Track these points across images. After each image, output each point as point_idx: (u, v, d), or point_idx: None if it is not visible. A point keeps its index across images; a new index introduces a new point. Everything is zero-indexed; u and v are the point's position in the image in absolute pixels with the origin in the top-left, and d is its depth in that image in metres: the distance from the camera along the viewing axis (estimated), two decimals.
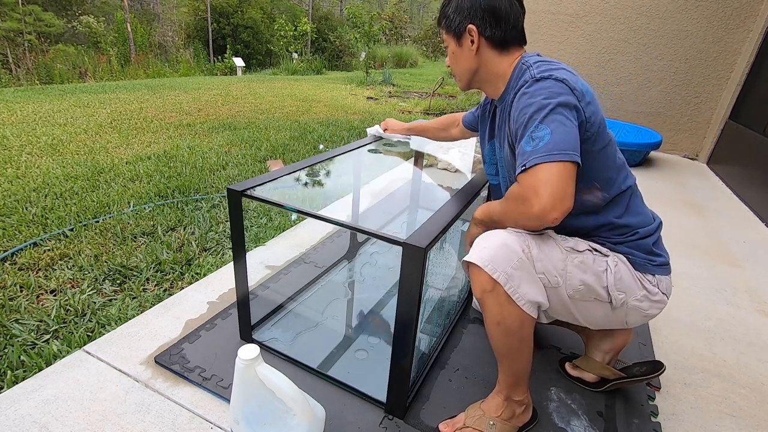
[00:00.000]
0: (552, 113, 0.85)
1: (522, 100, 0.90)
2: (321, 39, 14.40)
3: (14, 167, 2.81)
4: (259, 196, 1.11)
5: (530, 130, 0.86)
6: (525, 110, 0.88)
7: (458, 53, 1.06)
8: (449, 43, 1.07)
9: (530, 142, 0.85)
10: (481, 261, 0.90)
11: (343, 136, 4.18)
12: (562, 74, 0.90)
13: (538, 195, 0.81)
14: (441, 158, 2.13)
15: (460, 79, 1.10)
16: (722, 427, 1.18)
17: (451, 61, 1.10)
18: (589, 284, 0.94)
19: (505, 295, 0.89)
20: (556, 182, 0.81)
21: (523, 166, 0.84)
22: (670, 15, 3.93)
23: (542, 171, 0.81)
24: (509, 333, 0.93)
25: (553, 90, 0.88)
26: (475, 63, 1.05)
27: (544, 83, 0.89)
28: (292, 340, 1.35)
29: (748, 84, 3.70)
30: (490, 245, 0.91)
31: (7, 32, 11.40)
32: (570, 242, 0.96)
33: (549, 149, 0.82)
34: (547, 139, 0.83)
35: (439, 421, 1.09)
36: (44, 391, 1.10)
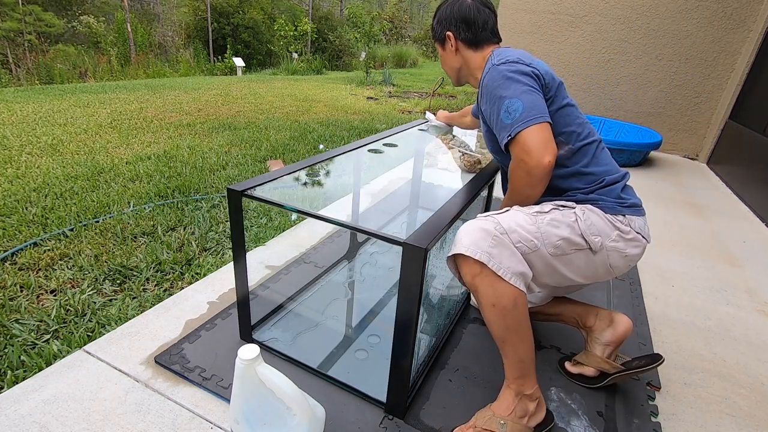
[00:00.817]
0: (517, 84, 1.03)
1: (488, 84, 1.09)
2: (321, 39, 14.39)
3: (14, 167, 2.81)
4: (259, 196, 1.11)
5: (505, 105, 1.03)
6: (493, 91, 1.07)
7: (444, 55, 1.30)
8: (438, 49, 1.31)
9: (508, 115, 1.03)
10: (462, 248, 0.97)
11: (343, 136, 4.18)
12: (515, 56, 1.10)
13: (528, 151, 0.99)
14: (441, 158, 2.12)
15: (450, 76, 1.32)
16: (722, 427, 1.18)
17: (441, 63, 1.33)
18: (565, 236, 1.02)
19: (492, 273, 0.95)
20: (538, 137, 0.99)
21: (509, 136, 1.02)
22: (670, 15, 3.93)
23: (524, 135, 1.00)
24: (505, 313, 0.97)
25: (511, 69, 1.06)
26: (457, 62, 1.27)
27: (501, 66, 1.08)
28: (292, 340, 1.35)
29: (748, 84, 3.70)
30: (464, 234, 0.99)
31: (7, 32, 11.40)
32: (535, 207, 1.06)
33: (524, 117, 1.00)
34: (520, 109, 1.01)
35: (439, 421, 1.09)
36: (44, 391, 1.10)
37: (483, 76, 1.14)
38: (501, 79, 1.06)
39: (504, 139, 1.04)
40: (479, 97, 1.20)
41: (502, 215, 1.03)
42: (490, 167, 1.43)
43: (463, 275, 1.01)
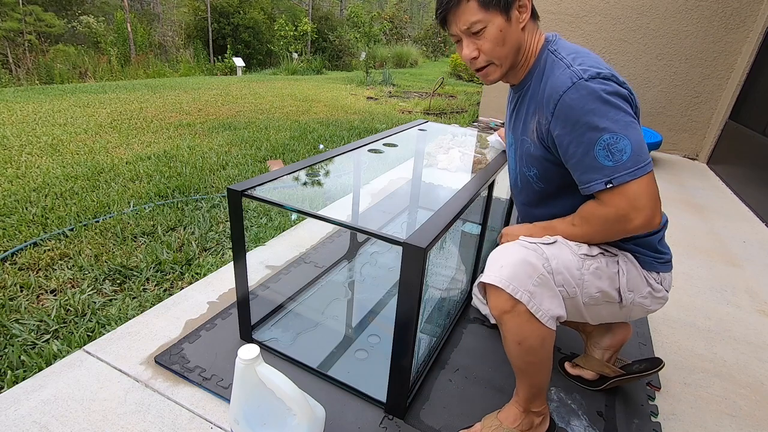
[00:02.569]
0: (618, 112, 0.83)
1: (573, 104, 0.84)
2: (321, 39, 14.39)
3: (14, 167, 2.81)
4: (259, 196, 1.11)
5: (604, 141, 0.82)
6: (583, 117, 0.83)
7: (507, 30, 0.93)
8: (491, 21, 0.91)
9: (608, 156, 0.83)
10: (501, 281, 0.86)
11: (343, 136, 4.18)
12: (597, 64, 0.87)
13: (638, 209, 0.83)
14: (441, 158, 2.13)
15: (502, 63, 0.97)
16: (722, 427, 1.17)
17: (491, 43, 0.93)
18: (603, 289, 0.95)
19: (527, 313, 0.86)
20: (650, 191, 0.83)
21: (608, 183, 0.83)
22: (670, 15, 3.93)
23: (635, 187, 0.83)
24: (531, 351, 0.91)
25: (608, 89, 0.84)
26: (522, 39, 0.96)
27: (595, 83, 0.84)
28: (292, 340, 1.35)
29: (748, 84, 3.70)
30: (508, 263, 0.87)
31: (7, 32, 11.40)
32: (584, 247, 0.95)
33: (634, 163, 0.82)
34: (628, 151, 0.82)
35: (439, 421, 1.09)
36: (44, 391, 1.10)
37: (552, 79, 0.89)
38: (596, 102, 0.83)
39: (597, 184, 0.85)
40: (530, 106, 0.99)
41: (550, 248, 0.92)
42: (490, 167, 1.43)
43: (490, 305, 0.91)
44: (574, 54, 0.91)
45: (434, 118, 5.67)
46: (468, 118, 5.57)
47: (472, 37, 0.95)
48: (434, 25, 22.07)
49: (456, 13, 0.93)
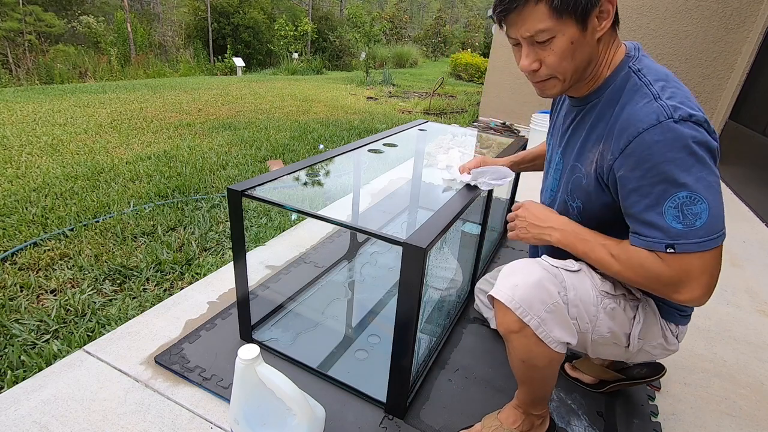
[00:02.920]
0: (702, 169, 0.70)
1: (655, 147, 0.71)
2: (321, 39, 14.40)
3: (14, 167, 2.81)
4: (259, 196, 1.11)
5: (681, 198, 0.70)
6: (663, 165, 0.71)
7: (579, 42, 0.77)
8: (561, 31, 0.76)
9: (680, 217, 0.71)
10: (512, 302, 0.81)
11: (343, 136, 4.18)
12: (696, 109, 0.72)
13: (692, 285, 0.73)
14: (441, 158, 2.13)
15: (566, 78, 0.82)
16: (722, 427, 1.18)
17: (558, 57, 0.79)
18: (614, 332, 0.90)
19: (535, 336, 0.82)
20: (713, 268, 0.72)
21: (670, 248, 0.72)
22: (670, 15, 3.93)
23: (698, 261, 0.72)
24: (536, 369, 0.88)
25: (698, 138, 0.70)
26: (595, 52, 0.81)
27: (685, 128, 0.70)
28: (292, 340, 1.35)
29: (748, 84, 3.70)
30: (522, 284, 0.82)
31: (7, 32, 11.40)
32: (608, 283, 0.88)
33: (707, 232, 0.70)
34: (704, 217, 0.70)
35: (439, 421, 1.09)
36: (44, 391, 1.10)
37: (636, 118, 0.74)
38: (682, 151, 0.70)
39: (656, 243, 0.73)
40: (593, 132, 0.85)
41: (572, 277, 0.85)
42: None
43: (497, 321, 0.86)
44: (663, 82, 0.76)
45: (434, 118, 5.68)
46: (468, 118, 5.57)
47: (534, 46, 0.79)
48: (434, 25, 21.98)
49: (519, 16, 0.77)
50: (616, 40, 0.84)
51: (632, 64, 0.81)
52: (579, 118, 0.91)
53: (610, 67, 0.84)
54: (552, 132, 1.08)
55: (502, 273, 0.87)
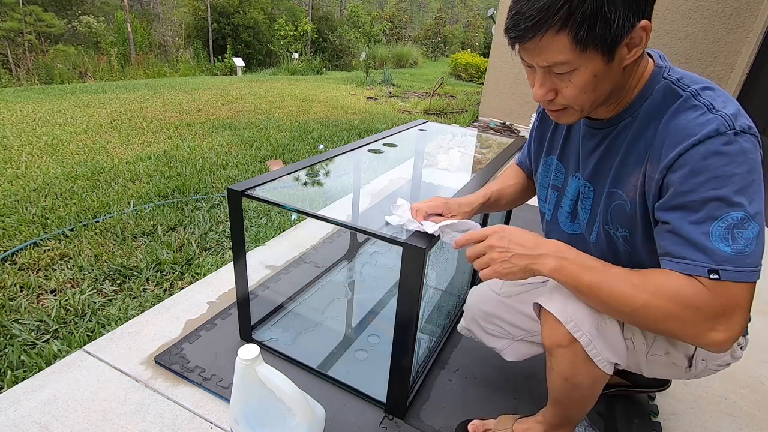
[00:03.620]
0: (758, 190, 0.62)
1: (713, 159, 0.62)
2: (321, 39, 14.40)
3: (14, 167, 2.81)
4: (259, 196, 1.11)
5: (735, 218, 0.61)
6: (718, 182, 0.62)
7: (604, 75, 0.67)
8: (584, 65, 0.66)
9: (729, 240, 0.61)
10: (564, 316, 0.75)
11: (343, 136, 4.18)
12: (750, 121, 0.65)
13: (732, 321, 0.63)
14: (441, 158, 2.13)
15: (583, 109, 0.73)
16: (722, 427, 1.18)
17: (577, 90, 0.69)
18: (673, 353, 0.82)
19: (583, 353, 0.76)
20: (748, 309, 0.64)
21: (714, 274, 0.62)
22: (669, 15, 3.93)
23: (742, 291, 0.62)
24: (577, 388, 0.82)
25: (755, 158, 0.62)
26: (620, 81, 0.71)
27: (746, 143, 0.62)
28: (292, 340, 1.35)
29: (748, 84, 3.70)
30: (579, 303, 0.76)
31: (7, 32, 11.40)
32: None
33: (753, 262, 0.62)
34: (753, 245, 0.62)
35: (439, 421, 1.09)
36: (44, 391, 1.10)
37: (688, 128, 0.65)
38: (744, 166, 0.62)
39: (696, 266, 0.63)
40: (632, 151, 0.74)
41: None
42: (489, 167, 1.43)
43: (544, 334, 0.80)
44: (711, 91, 0.67)
45: (434, 118, 5.68)
46: (468, 118, 5.57)
47: (551, 75, 0.70)
48: (434, 25, 21.96)
49: (535, 45, 0.66)
50: (644, 58, 0.73)
51: (667, 74, 0.72)
52: (609, 140, 0.78)
53: (638, 87, 0.74)
54: (559, 155, 0.93)
55: (552, 284, 0.79)
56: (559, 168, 0.93)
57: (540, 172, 0.99)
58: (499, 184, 1.12)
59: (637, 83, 0.74)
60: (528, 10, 0.63)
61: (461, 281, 1.64)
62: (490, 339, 1.08)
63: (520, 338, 1.05)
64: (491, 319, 1.05)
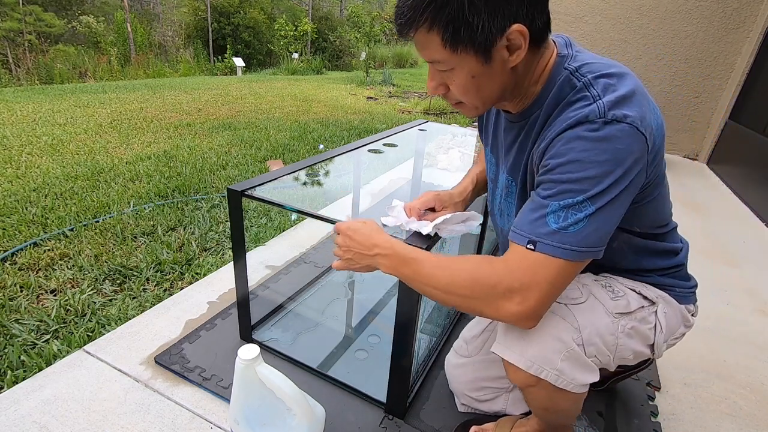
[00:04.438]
0: (606, 192, 0.62)
1: (575, 143, 0.63)
2: (321, 39, 14.40)
3: (14, 167, 2.81)
4: (259, 196, 1.11)
5: (569, 198, 0.63)
6: (573, 166, 0.63)
7: (484, 75, 0.68)
8: (459, 65, 0.67)
9: (559, 214, 0.63)
10: (525, 362, 0.74)
11: (343, 136, 4.18)
12: (635, 109, 0.63)
13: (526, 296, 0.64)
14: (441, 158, 2.13)
15: (477, 106, 0.74)
16: (722, 427, 1.18)
17: (461, 89, 0.70)
18: (637, 350, 0.83)
19: (553, 386, 0.75)
20: (558, 286, 0.65)
21: (529, 240, 0.64)
22: (670, 15, 3.93)
23: (548, 266, 0.63)
24: (559, 412, 0.84)
25: (623, 148, 0.62)
26: (509, 81, 0.71)
27: (615, 131, 0.61)
28: (292, 340, 1.35)
29: (748, 84, 3.70)
30: (534, 341, 0.73)
31: (7, 32, 11.40)
32: (621, 302, 0.80)
33: (575, 241, 0.62)
34: (581, 225, 0.62)
35: (439, 421, 1.09)
36: (44, 391, 1.10)
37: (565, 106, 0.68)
38: (604, 155, 0.62)
39: (519, 236, 0.66)
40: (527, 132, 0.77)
41: (583, 314, 0.76)
42: None
43: (511, 378, 0.79)
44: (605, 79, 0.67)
45: (434, 118, 5.68)
46: (468, 118, 5.57)
47: (438, 71, 0.71)
48: None
49: (416, 40, 0.68)
50: (543, 51, 0.72)
51: (568, 64, 0.71)
52: (522, 134, 0.79)
53: (541, 79, 0.73)
54: (491, 147, 0.94)
55: (503, 326, 0.78)
56: (491, 160, 0.94)
57: (486, 163, 1.00)
58: (481, 165, 1.11)
59: (540, 77, 0.73)
60: (402, 6, 0.65)
61: None
62: (489, 405, 1.09)
63: (512, 387, 1.06)
64: (478, 384, 1.07)
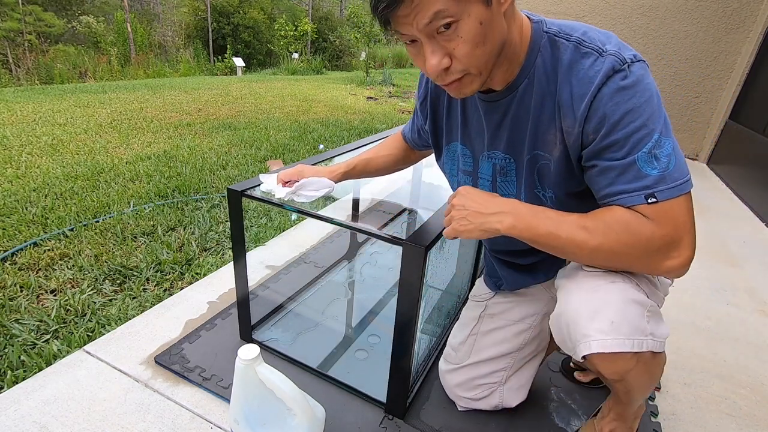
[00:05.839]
0: (665, 121, 0.65)
1: (618, 96, 0.64)
2: (321, 39, 14.41)
3: (14, 167, 2.81)
4: (259, 196, 1.11)
5: (652, 142, 0.63)
6: (630, 116, 0.63)
7: (489, 22, 0.64)
8: (466, 11, 0.62)
9: (654, 162, 0.63)
10: (624, 343, 0.67)
11: (343, 136, 4.18)
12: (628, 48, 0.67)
13: (684, 242, 0.63)
14: None
15: (482, 71, 0.69)
16: (722, 427, 1.17)
17: (469, 44, 0.65)
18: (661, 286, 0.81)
19: (650, 355, 0.71)
20: (692, 225, 0.65)
21: (651, 198, 0.63)
22: (670, 15, 3.93)
23: (682, 206, 0.63)
24: (652, 384, 0.80)
25: (650, 81, 0.66)
26: (505, 31, 0.69)
27: (638, 71, 0.65)
28: (292, 340, 1.35)
29: (748, 84, 3.70)
30: (615, 312, 0.68)
31: (7, 32, 11.40)
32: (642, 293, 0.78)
33: (680, 173, 0.64)
34: (674, 158, 0.63)
35: (439, 421, 1.09)
36: (44, 391, 1.10)
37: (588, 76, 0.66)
38: (645, 93, 0.64)
39: (633, 196, 0.65)
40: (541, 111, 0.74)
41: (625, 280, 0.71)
42: None
43: (606, 373, 0.73)
44: (590, 33, 0.69)
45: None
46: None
47: (436, 38, 0.65)
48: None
49: (411, 4, 0.61)
50: (519, 17, 0.72)
51: (546, 28, 0.72)
52: (514, 107, 0.77)
53: (523, 42, 0.72)
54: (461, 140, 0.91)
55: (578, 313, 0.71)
56: (465, 152, 0.92)
57: (446, 162, 0.98)
58: (371, 153, 1.17)
59: (521, 41, 0.72)
60: None
61: (461, 281, 1.64)
62: (486, 401, 1.09)
63: (504, 380, 1.07)
64: (471, 384, 1.07)
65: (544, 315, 1.03)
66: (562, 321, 0.74)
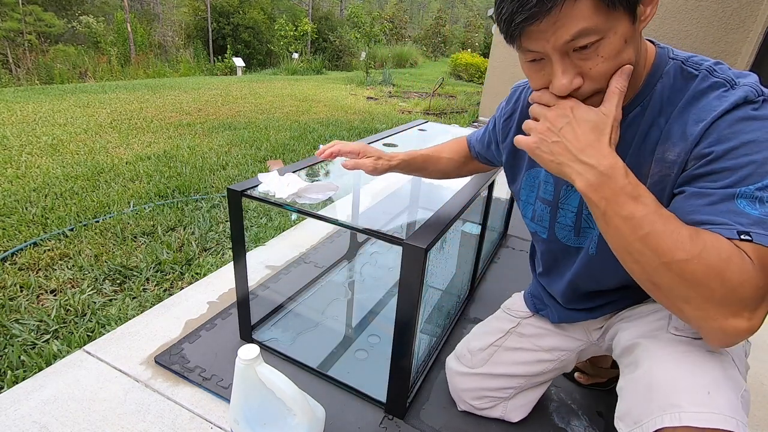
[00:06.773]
0: None
1: (742, 125, 0.56)
2: (321, 39, 14.42)
3: (14, 167, 2.81)
4: (259, 196, 1.11)
5: (759, 183, 0.54)
6: (748, 147, 0.55)
7: (632, 38, 0.58)
8: (613, 29, 0.56)
9: (755, 204, 0.53)
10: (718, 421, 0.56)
11: (343, 136, 4.18)
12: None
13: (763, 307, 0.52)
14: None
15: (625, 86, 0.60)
16: None
17: (611, 62, 0.58)
18: None
19: None
20: None
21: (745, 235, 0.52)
22: (670, 15, 3.93)
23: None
24: None
25: None
26: (639, 51, 0.63)
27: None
28: (292, 340, 1.35)
29: None
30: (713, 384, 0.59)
31: (7, 32, 11.41)
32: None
33: None
34: None
35: (439, 421, 1.09)
36: (44, 391, 1.10)
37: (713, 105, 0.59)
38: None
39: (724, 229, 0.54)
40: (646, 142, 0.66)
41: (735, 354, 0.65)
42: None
43: None
44: (723, 65, 0.63)
45: (434, 118, 5.68)
46: (468, 118, 5.57)
47: (570, 57, 0.58)
48: (434, 25, 21.95)
49: (552, 21, 0.54)
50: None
51: (673, 55, 0.66)
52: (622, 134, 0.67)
53: (646, 66, 0.66)
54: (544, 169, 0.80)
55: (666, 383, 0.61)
56: (548, 179, 0.84)
57: (523, 188, 0.90)
58: (431, 150, 1.08)
59: (644, 64, 0.65)
60: None
61: (461, 281, 1.64)
62: (488, 412, 1.09)
63: (511, 396, 1.06)
64: (479, 394, 1.07)
65: (577, 353, 0.98)
66: (640, 386, 0.64)
